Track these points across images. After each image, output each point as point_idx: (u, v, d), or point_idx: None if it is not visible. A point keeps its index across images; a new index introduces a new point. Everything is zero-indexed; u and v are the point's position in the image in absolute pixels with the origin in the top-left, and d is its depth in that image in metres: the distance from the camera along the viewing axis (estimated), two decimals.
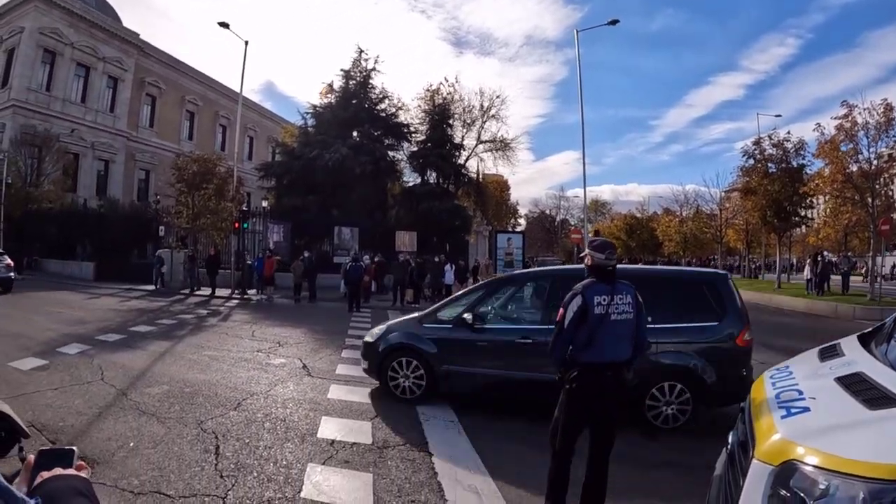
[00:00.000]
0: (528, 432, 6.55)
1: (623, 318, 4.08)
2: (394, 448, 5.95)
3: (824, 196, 28.33)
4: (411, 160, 37.95)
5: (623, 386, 4.19)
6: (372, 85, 36.94)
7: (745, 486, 2.31)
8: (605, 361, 4.07)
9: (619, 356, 4.11)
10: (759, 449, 2.36)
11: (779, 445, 2.30)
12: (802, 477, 2.14)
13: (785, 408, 2.56)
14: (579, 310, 4.02)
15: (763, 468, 2.27)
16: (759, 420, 2.62)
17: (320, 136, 34.63)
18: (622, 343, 4.13)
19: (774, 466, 2.23)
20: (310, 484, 4.93)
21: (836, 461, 2.08)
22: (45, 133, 35.33)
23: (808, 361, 3.34)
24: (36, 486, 1.09)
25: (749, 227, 39.62)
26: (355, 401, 7.79)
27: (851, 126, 24.47)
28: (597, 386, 4.09)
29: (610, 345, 4.05)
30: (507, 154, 41.64)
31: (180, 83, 49.62)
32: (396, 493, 4.83)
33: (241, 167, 30.98)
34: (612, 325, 4.04)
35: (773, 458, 2.26)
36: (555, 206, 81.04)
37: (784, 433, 2.35)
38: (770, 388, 2.95)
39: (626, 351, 4.15)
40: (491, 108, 40.55)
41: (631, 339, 4.17)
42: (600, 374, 4.08)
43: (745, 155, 32.77)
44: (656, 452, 6.07)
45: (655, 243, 58.00)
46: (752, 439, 2.52)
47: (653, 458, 5.85)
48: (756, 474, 2.29)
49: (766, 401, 2.80)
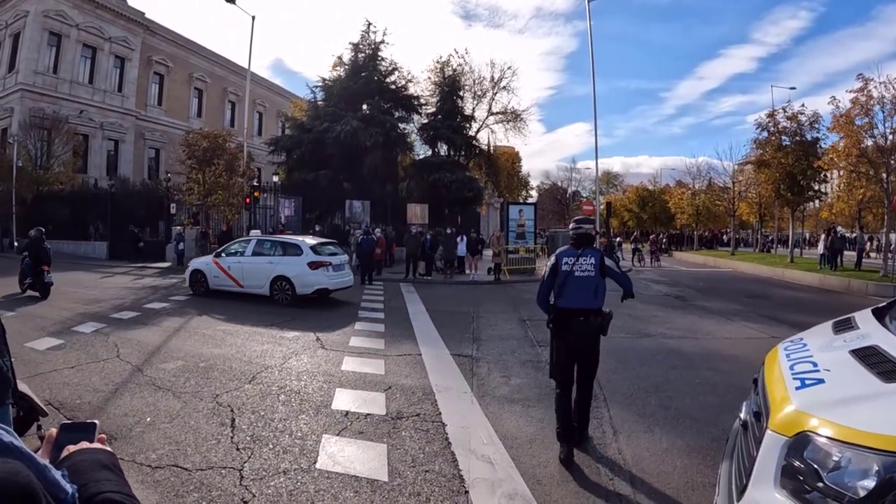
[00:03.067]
0: (538, 402, 6.61)
1: (585, 275, 5.28)
2: (407, 419, 6.02)
3: (838, 170, 27.91)
4: (422, 132, 37.66)
5: (592, 328, 5.29)
6: (381, 57, 36.47)
7: (759, 456, 2.31)
8: (572, 307, 5.28)
9: (583, 304, 5.26)
10: (773, 420, 2.35)
11: (793, 416, 2.29)
12: (816, 448, 2.13)
13: (799, 379, 2.54)
14: (552, 267, 5.44)
15: (777, 439, 2.27)
16: (773, 391, 2.61)
17: (330, 108, 34.31)
18: (585, 294, 5.27)
19: (788, 437, 2.23)
20: (325, 455, 5.01)
21: (850, 433, 2.07)
22: (54, 115, 35.30)
23: (822, 334, 3.31)
24: (62, 460, 1.09)
25: (762, 200, 39.17)
26: (369, 372, 7.87)
27: (867, 100, 24.00)
28: (569, 325, 5.29)
29: (575, 294, 5.28)
30: (518, 125, 41.18)
31: (188, 60, 49.35)
32: (411, 464, 4.89)
33: (250, 143, 30.95)
34: (575, 279, 5.28)
35: (787, 429, 2.26)
36: (566, 178, 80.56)
37: (798, 404, 2.34)
38: (784, 360, 2.93)
39: (590, 301, 5.27)
40: (502, 80, 40.04)
41: (593, 292, 5.27)
42: (571, 317, 5.28)
43: (758, 127, 32.16)
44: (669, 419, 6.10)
45: (668, 216, 57.52)
46: (766, 410, 2.51)
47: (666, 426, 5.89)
48: (770, 445, 2.29)
49: (780, 372, 2.78)
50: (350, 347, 9.50)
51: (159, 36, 46.19)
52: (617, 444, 5.43)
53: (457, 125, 36.85)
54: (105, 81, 41.90)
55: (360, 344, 9.73)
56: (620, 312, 13.93)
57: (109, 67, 42.31)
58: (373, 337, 10.42)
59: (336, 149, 31.65)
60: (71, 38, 39.25)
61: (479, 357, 9.02)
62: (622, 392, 7.12)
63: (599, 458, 5.11)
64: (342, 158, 32.04)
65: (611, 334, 10.87)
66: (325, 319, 12.21)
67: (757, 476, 2.29)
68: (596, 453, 5.19)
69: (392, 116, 35.76)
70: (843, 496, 2.00)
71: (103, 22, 40.88)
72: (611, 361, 8.68)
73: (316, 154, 32.83)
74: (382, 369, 8.06)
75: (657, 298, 16.79)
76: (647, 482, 4.64)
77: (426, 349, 9.38)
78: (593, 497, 4.37)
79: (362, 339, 10.14)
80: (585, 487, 4.52)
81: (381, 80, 36.26)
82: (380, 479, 4.59)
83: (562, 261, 5.39)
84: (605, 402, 6.67)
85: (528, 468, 4.87)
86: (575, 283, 5.28)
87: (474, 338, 10.55)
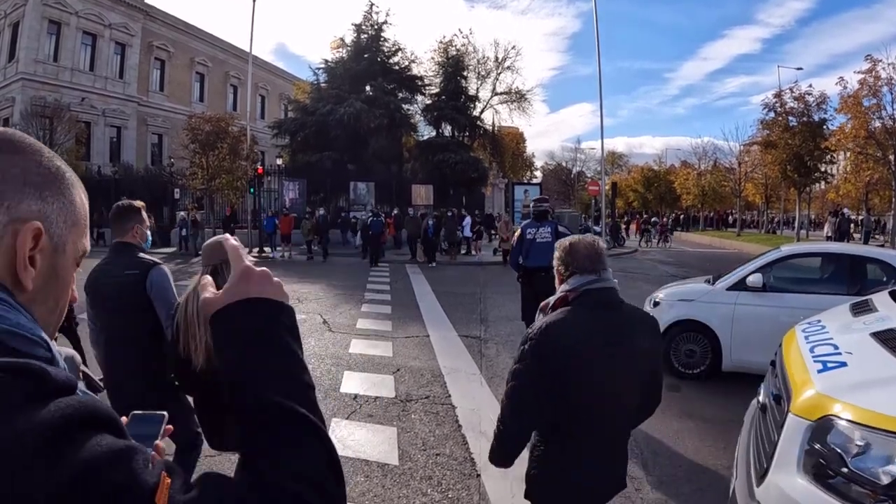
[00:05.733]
0: None
1: (544, 241, 6.98)
2: (417, 401, 6.01)
3: (845, 152, 27.71)
4: (425, 113, 37.47)
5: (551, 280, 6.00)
6: (384, 38, 36.23)
7: (781, 440, 2.27)
8: (534, 266, 6.99)
9: (544, 263, 6.33)
10: (796, 404, 2.31)
11: (816, 400, 2.25)
12: (839, 433, 2.09)
13: (821, 362, 2.50)
14: (519, 237, 7.35)
15: (799, 423, 2.23)
16: (794, 374, 2.56)
17: (333, 90, 34.13)
18: (545, 255, 6.07)
19: (811, 422, 2.19)
20: (334, 439, 4.96)
21: (874, 417, 2.03)
22: (56, 103, 34.94)
23: (840, 316, 3.26)
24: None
25: (768, 181, 38.96)
26: (377, 354, 7.87)
27: (875, 81, 23.90)
28: (533, 279, 7.06)
29: (536, 256, 6.97)
30: (522, 105, 40.97)
31: (189, 45, 48.84)
32: (421, 447, 4.88)
33: (253, 126, 30.73)
34: (537, 245, 7.03)
35: (809, 413, 2.22)
36: (571, 159, 79.94)
37: (821, 388, 2.29)
38: (803, 342, 2.88)
39: (549, 260, 5.99)
40: (506, 60, 39.81)
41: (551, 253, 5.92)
42: (534, 273, 7.02)
43: (765, 108, 31.93)
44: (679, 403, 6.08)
45: (673, 196, 57.23)
46: (788, 393, 2.46)
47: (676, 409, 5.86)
48: (792, 429, 2.25)
49: (799, 355, 2.74)
50: (357, 329, 9.48)
51: (159, 21, 45.70)
52: None
53: (461, 106, 36.65)
54: (106, 68, 41.57)
55: (368, 326, 9.71)
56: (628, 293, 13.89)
57: (110, 54, 41.95)
58: (380, 319, 10.41)
59: (340, 131, 31.47)
60: (71, 25, 38.88)
61: (487, 338, 8.99)
62: None
63: None
64: (346, 140, 31.89)
65: None
66: (332, 302, 12.19)
67: (779, 461, 2.26)
68: None
69: (396, 98, 35.52)
70: (868, 481, 1.96)
71: (103, 8, 40.49)
72: None
73: (320, 136, 32.64)
74: (390, 351, 8.05)
75: (664, 279, 16.72)
76: (659, 464, 4.63)
77: (434, 331, 9.35)
78: None
79: (369, 321, 10.12)
80: None
81: (385, 61, 36.02)
82: (391, 463, 4.59)
83: (526, 231, 7.24)
84: None
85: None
86: (536, 248, 7.03)
87: (482, 319, 10.52)
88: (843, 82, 25.67)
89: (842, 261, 6.91)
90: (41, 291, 0.79)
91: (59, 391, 0.65)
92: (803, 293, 6.52)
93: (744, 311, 6.51)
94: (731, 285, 6.73)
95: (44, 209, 0.77)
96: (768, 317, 6.38)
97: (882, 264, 6.48)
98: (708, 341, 6.70)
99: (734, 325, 6.53)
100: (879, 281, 6.42)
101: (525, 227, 7.30)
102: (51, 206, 0.78)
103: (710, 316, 6.71)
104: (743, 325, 6.48)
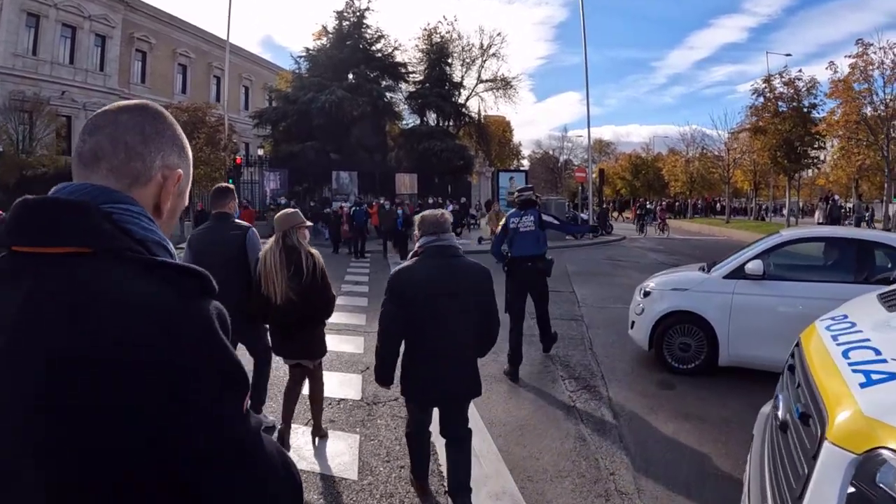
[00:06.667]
0: (529, 380, 6.10)
1: (527, 230, 6.72)
2: (384, 404, 5.47)
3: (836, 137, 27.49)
4: (409, 101, 36.85)
5: (536, 269, 6.74)
6: (366, 25, 35.57)
7: (815, 478, 1.71)
8: (520, 255, 6.71)
9: (528, 252, 6.68)
10: (833, 429, 1.74)
11: (862, 426, 1.68)
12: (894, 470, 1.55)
13: (862, 373, 1.92)
14: (503, 226, 6.98)
15: (839, 456, 1.67)
16: (826, 386, 2.00)
17: (315, 79, 33.37)
18: (530, 244, 6.70)
19: (855, 455, 1.63)
20: (291, 449, 4.44)
21: None
22: (35, 97, 34.35)
23: (869, 309, 2.70)
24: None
25: (757, 168, 38.71)
26: (346, 351, 7.33)
27: (866, 65, 23.76)
28: (519, 270, 6.73)
29: (521, 245, 6.73)
30: (508, 93, 40.39)
31: (171, 36, 47.86)
32: (384, 458, 4.37)
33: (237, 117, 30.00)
34: (521, 234, 6.72)
35: (852, 444, 1.66)
36: (558, 147, 79.32)
37: (867, 409, 1.73)
38: (831, 343, 2.32)
39: (533, 248, 6.70)
40: (491, 47, 39.22)
41: (535, 242, 6.72)
42: (521, 262, 6.71)
43: (754, 93, 31.65)
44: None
45: (661, 183, 56.93)
46: (819, 412, 1.89)
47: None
48: (829, 463, 1.69)
49: (829, 359, 2.17)
50: (329, 323, 8.87)
51: (140, 12, 44.74)
52: (618, 429, 4.89)
53: (445, 93, 36.09)
54: (86, 61, 40.73)
55: (339, 319, 9.05)
56: (617, 282, 13.59)
57: (90, 46, 41.09)
58: (355, 312, 9.85)
59: (322, 119, 30.83)
60: (50, 17, 38.02)
61: None
62: (621, 370, 6.58)
63: (598, 447, 4.56)
64: (329, 129, 31.23)
65: (608, 304, 10.45)
66: None
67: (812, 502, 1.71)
68: (594, 442, 4.65)
69: (379, 85, 34.88)
70: None
71: (82, 0, 39.64)
72: (609, 334, 8.18)
73: (302, 125, 31.96)
74: (362, 347, 7.46)
75: (654, 267, 16.23)
76: (653, 474, 4.10)
77: None
78: (591, 497, 3.82)
79: (343, 314, 9.46)
80: (582, 484, 3.96)
81: (367, 48, 35.41)
82: (349, 478, 4.05)
83: (510, 221, 6.88)
84: (604, 381, 6.14)
85: (517, 460, 4.33)
86: (521, 237, 6.72)
87: None
88: (833, 66, 25.53)
89: (848, 246, 6.38)
90: (165, 222, 1.06)
91: (214, 292, 0.93)
92: (806, 281, 6.02)
93: (742, 301, 5.98)
94: (728, 273, 6.18)
95: (181, 164, 1.08)
96: (769, 307, 5.90)
97: (890, 249, 5.98)
98: (703, 334, 6.17)
99: (732, 316, 6.00)
100: (885, 267, 5.97)
101: (509, 217, 6.95)
102: (184, 163, 1.09)
103: (705, 307, 6.16)
104: (742, 317, 5.96)
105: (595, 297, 11.22)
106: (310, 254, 4.18)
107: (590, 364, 6.74)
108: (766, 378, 5.94)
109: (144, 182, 1.00)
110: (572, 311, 9.59)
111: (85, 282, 0.84)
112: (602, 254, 19.77)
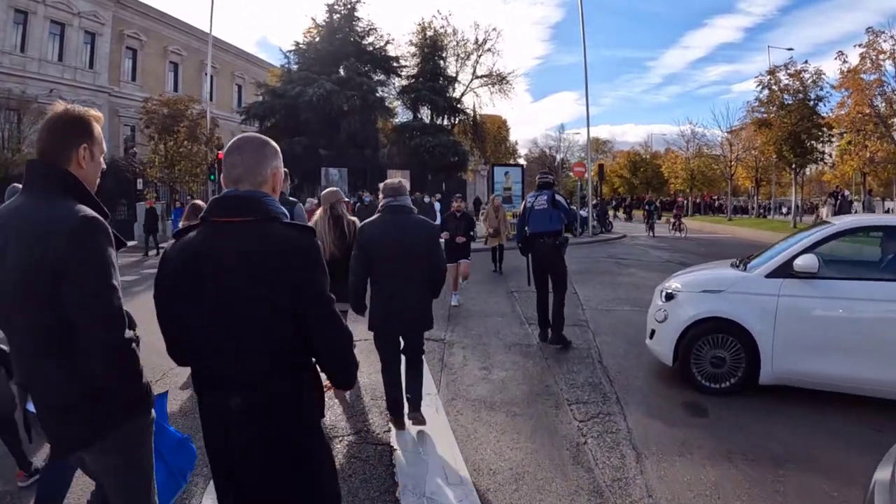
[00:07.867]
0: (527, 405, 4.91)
1: (541, 208, 7.08)
2: (342, 439, 4.39)
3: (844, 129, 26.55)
4: (402, 96, 35.73)
5: (549, 245, 7.00)
6: (357, 17, 34.43)
7: None
8: (536, 231, 7.11)
9: (542, 228, 7.05)
10: None
11: None
12: None
13: None
14: (524, 205, 7.54)
15: None
16: None
17: (303, 72, 32.26)
18: (543, 221, 7.05)
19: None
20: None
21: None
22: (22, 95, 33.39)
23: None
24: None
25: (759, 164, 37.65)
26: None
27: (877, 54, 22.98)
28: (534, 245, 7.15)
29: (536, 222, 7.11)
30: (503, 89, 39.28)
31: (162, 34, 46.82)
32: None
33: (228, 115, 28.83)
34: (536, 212, 7.12)
35: None
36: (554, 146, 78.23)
37: None
38: None
39: (546, 225, 7.03)
40: (486, 42, 38.09)
41: (548, 219, 7.02)
42: (536, 239, 7.11)
43: (759, 85, 30.47)
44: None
45: (660, 181, 55.88)
46: None
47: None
48: None
49: None
50: None
51: (131, 9, 43.73)
52: (645, 479, 3.68)
53: (439, 87, 34.99)
54: (75, 58, 39.68)
55: None
56: (621, 282, 12.40)
57: (79, 43, 40.05)
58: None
59: (310, 114, 29.75)
60: (38, 14, 37.02)
61: (453, 341, 7.30)
62: (639, 390, 5.37)
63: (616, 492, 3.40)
64: (317, 124, 30.19)
65: (613, 306, 9.26)
66: None
67: None
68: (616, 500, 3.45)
69: (370, 79, 33.68)
70: None
71: None
72: (619, 342, 7.03)
73: (290, 120, 30.90)
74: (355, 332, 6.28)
75: (659, 264, 15.10)
76: None
77: None
78: None
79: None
80: None
81: (358, 41, 34.35)
82: None
83: (528, 200, 7.46)
84: (620, 406, 4.93)
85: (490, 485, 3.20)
86: (535, 215, 7.12)
87: (450, 315, 8.82)
88: (842, 56, 24.69)
89: None
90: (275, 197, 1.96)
91: (315, 234, 1.89)
92: (869, 280, 4.86)
93: (791, 305, 4.80)
94: (772, 271, 5.00)
95: (280, 166, 1.99)
96: (825, 312, 4.76)
97: None
98: (741, 345, 5.00)
99: (778, 323, 4.83)
100: None
101: (528, 197, 7.56)
102: (280, 165, 1.99)
103: (744, 312, 4.97)
104: (790, 324, 4.80)
105: (599, 299, 10.05)
106: (351, 221, 5.22)
107: (600, 383, 5.52)
108: (813, 397, 4.84)
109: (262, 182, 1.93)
110: (576, 315, 8.36)
111: (259, 230, 1.79)
112: (603, 252, 18.64)
